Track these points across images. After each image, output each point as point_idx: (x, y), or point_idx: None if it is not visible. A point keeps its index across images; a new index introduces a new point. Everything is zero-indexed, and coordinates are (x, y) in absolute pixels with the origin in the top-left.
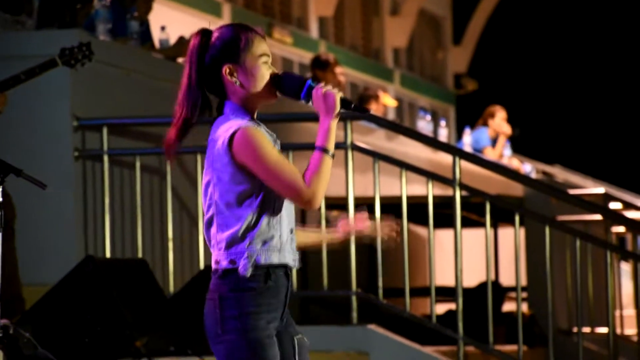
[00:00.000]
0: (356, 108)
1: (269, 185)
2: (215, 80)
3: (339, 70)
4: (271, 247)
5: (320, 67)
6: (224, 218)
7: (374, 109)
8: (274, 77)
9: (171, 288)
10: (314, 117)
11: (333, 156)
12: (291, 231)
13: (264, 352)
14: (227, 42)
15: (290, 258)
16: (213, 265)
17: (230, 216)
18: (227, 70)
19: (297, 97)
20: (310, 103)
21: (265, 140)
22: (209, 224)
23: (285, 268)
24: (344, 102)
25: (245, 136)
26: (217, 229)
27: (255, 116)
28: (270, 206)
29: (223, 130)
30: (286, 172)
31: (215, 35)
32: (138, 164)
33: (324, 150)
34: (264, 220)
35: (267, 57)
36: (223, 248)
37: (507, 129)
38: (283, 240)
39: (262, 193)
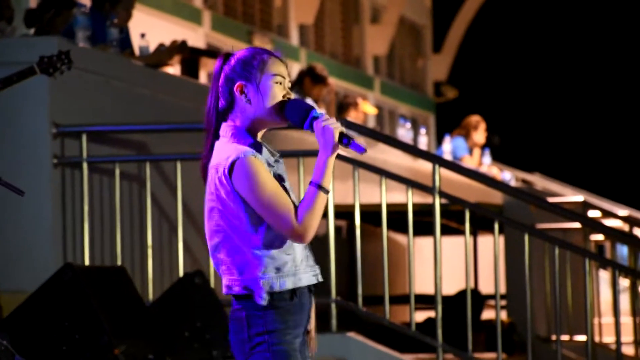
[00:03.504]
0: (354, 145)
1: (262, 216)
2: (227, 99)
3: (328, 88)
4: (284, 273)
5: (313, 79)
6: (234, 244)
7: (353, 116)
8: (282, 100)
9: (150, 295)
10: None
11: (327, 192)
12: (305, 248)
13: None
14: (242, 61)
15: (308, 277)
16: (224, 290)
17: (240, 242)
18: (239, 87)
19: (301, 125)
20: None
21: (262, 171)
22: (216, 249)
23: (308, 285)
24: (342, 137)
25: (242, 166)
26: (227, 254)
27: (259, 138)
28: None
29: (223, 157)
30: (279, 206)
31: (234, 56)
32: (117, 171)
33: (319, 187)
34: (275, 245)
35: (281, 78)
36: (235, 274)
37: (480, 139)
38: (297, 262)
39: None
